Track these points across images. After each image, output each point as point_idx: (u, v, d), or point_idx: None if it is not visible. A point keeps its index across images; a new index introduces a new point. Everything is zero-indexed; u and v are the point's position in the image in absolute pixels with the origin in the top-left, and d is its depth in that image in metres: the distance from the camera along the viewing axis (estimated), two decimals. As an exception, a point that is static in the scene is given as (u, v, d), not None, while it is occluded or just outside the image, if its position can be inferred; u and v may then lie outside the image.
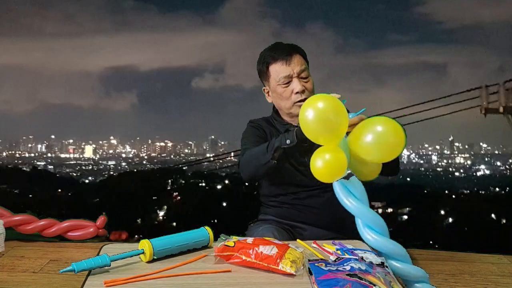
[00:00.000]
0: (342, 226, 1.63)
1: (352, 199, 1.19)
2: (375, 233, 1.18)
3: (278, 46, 1.65)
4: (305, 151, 1.63)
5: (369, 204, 1.23)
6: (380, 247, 1.17)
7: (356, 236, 1.60)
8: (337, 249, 1.18)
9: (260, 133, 1.66)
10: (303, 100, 1.57)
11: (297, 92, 1.58)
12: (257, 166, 1.48)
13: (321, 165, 1.20)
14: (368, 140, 1.21)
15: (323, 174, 1.20)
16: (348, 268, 0.99)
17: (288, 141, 1.39)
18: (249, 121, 1.75)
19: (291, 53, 1.60)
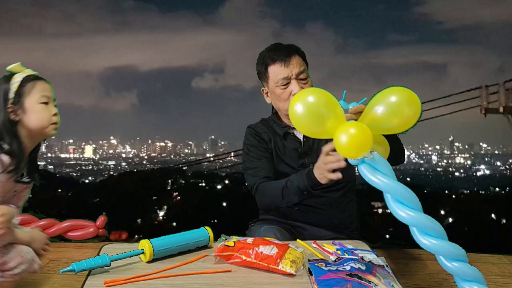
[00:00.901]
0: (343, 227, 1.64)
1: (379, 175, 1.12)
2: (406, 208, 1.11)
3: (277, 47, 1.64)
4: (305, 152, 1.63)
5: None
6: (412, 223, 1.11)
7: (356, 236, 1.60)
8: (337, 249, 1.18)
9: (261, 146, 1.66)
10: None
11: (295, 94, 1.57)
12: (276, 206, 1.56)
13: (346, 140, 1.14)
14: (383, 111, 1.17)
15: (349, 149, 1.16)
16: (348, 268, 0.99)
17: (305, 193, 1.43)
18: (248, 126, 1.74)
19: (290, 54, 1.60)
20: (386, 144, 1.29)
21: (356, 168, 1.81)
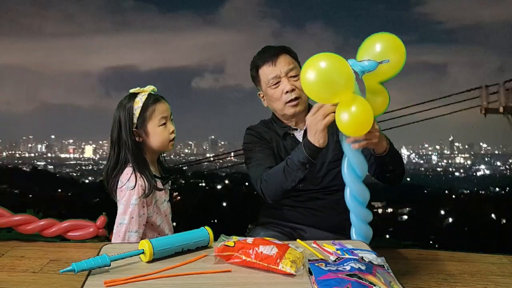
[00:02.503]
0: (343, 228, 1.64)
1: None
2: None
3: (265, 50, 1.67)
4: None
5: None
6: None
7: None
8: (337, 249, 1.18)
9: (262, 143, 1.66)
10: (294, 99, 1.58)
11: (287, 92, 1.58)
12: (283, 192, 1.50)
13: (347, 118, 1.24)
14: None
15: (351, 128, 1.27)
16: (348, 268, 0.99)
17: (307, 166, 1.41)
18: (247, 128, 1.74)
19: (277, 54, 1.62)
20: (385, 94, 1.39)
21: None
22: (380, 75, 1.33)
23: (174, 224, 1.70)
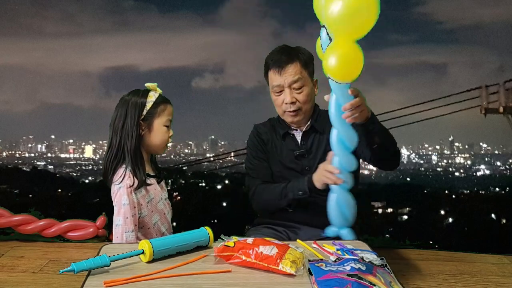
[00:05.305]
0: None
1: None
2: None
3: (278, 52, 1.63)
4: (302, 155, 1.64)
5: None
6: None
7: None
8: (337, 249, 1.18)
9: (260, 148, 1.69)
10: (294, 111, 1.59)
11: (287, 103, 1.59)
12: (272, 207, 1.60)
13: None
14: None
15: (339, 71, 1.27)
16: (348, 268, 0.99)
17: (300, 193, 1.51)
18: (254, 124, 1.78)
19: (288, 61, 1.58)
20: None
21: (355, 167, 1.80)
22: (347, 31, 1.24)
23: (174, 224, 1.69)
